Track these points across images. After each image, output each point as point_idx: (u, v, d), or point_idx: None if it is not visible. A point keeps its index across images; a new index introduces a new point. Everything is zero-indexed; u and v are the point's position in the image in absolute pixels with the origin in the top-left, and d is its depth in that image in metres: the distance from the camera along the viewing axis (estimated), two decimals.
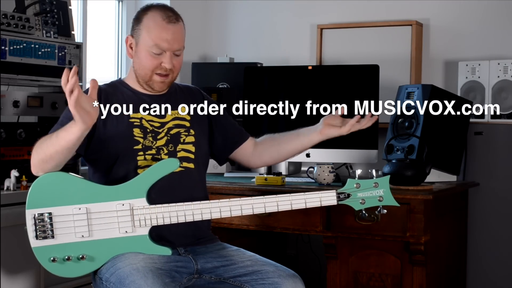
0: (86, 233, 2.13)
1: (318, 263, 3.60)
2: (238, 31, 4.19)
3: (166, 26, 2.28)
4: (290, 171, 3.52)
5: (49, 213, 2.12)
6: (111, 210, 2.13)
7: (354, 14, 3.84)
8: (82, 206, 2.12)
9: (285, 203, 2.19)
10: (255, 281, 2.21)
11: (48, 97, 2.96)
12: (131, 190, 2.15)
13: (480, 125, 3.35)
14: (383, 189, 2.18)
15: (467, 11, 3.61)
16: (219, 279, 2.24)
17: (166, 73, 2.31)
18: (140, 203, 2.14)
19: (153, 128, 2.31)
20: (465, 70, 3.41)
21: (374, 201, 2.19)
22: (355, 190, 2.18)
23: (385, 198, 2.19)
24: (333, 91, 3.30)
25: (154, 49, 2.28)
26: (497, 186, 3.31)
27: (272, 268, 2.23)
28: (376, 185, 2.18)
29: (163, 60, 2.29)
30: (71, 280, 2.89)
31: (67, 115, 2.19)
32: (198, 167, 2.37)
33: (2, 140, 2.75)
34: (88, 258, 2.14)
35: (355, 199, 2.18)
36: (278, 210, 2.19)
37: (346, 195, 2.19)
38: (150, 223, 2.14)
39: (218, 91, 3.54)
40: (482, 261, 3.33)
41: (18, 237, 2.66)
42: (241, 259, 2.27)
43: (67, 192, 2.13)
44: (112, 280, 2.09)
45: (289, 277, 2.21)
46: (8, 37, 2.76)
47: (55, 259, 2.12)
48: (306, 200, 2.19)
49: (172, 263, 2.17)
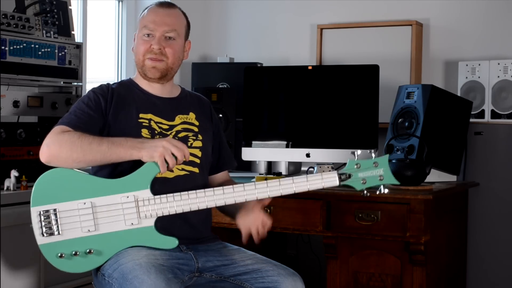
0: (92, 227, 2.14)
1: (318, 263, 3.60)
2: (238, 31, 4.19)
3: (157, 9, 2.36)
4: (290, 171, 3.52)
5: (54, 209, 2.12)
6: (116, 203, 2.14)
7: (354, 14, 3.84)
8: (87, 201, 2.13)
9: (287, 187, 2.18)
10: (254, 280, 2.22)
11: (48, 97, 2.96)
12: (134, 182, 2.15)
13: (480, 125, 3.35)
14: (382, 168, 2.18)
15: (467, 11, 3.61)
16: (219, 278, 2.25)
17: (156, 56, 2.32)
18: (145, 194, 2.15)
19: (161, 130, 2.32)
20: (465, 70, 3.41)
21: (375, 180, 2.18)
22: (356, 170, 2.18)
23: (385, 176, 2.19)
24: (333, 91, 3.30)
25: (144, 31, 2.33)
26: (497, 186, 3.31)
27: (272, 266, 2.24)
28: (376, 164, 2.18)
29: (152, 43, 2.32)
30: (71, 280, 2.89)
31: (81, 107, 2.25)
32: (203, 172, 2.37)
33: (2, 140, 2.75)
34: (95, 252, 2.14)
35: (356, 179, 2.18)
36: (281, 194, 2.18)
37: (347, 175, 2.18)
38: (155, 214, 2.15)
39: (218, 91, 3.54)
40: (482, 261, 3.33)
41: (18, 237, 2.67)
42: (241, 258, 2.28)
43: (70, 187, 2.14)
44: (115, 275, 2.09)
45: (288, 276, 2.22)
46: (8, 37, 2.76)
47: (62, 255, 2.13)
48: (308, 183, 2.18)
49: (174, 260, 2.18)
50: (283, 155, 3.36)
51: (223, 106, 3.45)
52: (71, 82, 3.10)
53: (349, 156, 2.21)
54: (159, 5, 2.38)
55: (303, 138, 3.31)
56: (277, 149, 3.34)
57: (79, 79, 3.11)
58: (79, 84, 3.12)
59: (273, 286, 2.19)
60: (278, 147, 3.35)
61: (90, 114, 2.24)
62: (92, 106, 2.26)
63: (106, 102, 2.29)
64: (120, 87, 2.38)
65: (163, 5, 2.38)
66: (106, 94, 2.31)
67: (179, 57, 2.38)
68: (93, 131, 2.22)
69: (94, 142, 2.13)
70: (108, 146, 2.13)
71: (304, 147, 3.29)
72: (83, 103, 2.27)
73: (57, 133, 2.16)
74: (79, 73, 3.10)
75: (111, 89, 2.33)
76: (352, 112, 3.24)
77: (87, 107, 2.26)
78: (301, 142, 3.31)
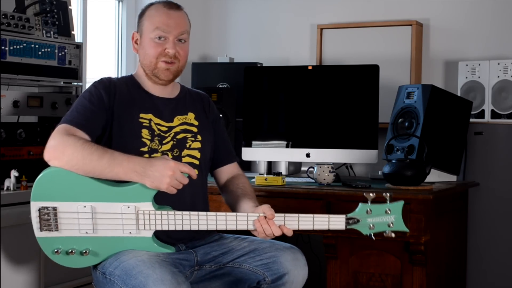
0: (90, 230, 2.13)
1: (318, 263, 3.60)
2: (238, 31, 4.19)
3: (168, 11, 2.33)
4: (290, 171, 3.52)
5: (54, 207, 2.12)
6: (116, 211, 2.12)
7: (354, 14, 3.84)
8: (87, 204, 2.12)
9: (292, 223, 2.15)
10: (252, 259, 2.22)
11: (48, 97, 2.96)
12: (138, 193, 2.13)
13: (480, 125, 3.35)
14: (394, 215, 2.12)
15: (467, 11, 3.61)
16: (219, 266, 2.27)
17: (171, 60, 2.31)
18: (146, 207, 2.13)
19: (160, 132, 2.31)
20: (465, 70, 3.41)
21: (384, 226, 2.12)
22: (366, 216, 2.12)
23: (396, 224, 2.12)
24: (333, 91, 3.30)
25: (156, 33, 2.30)
26: (497, 186, 3.31)
27: (268, 244, 2.25)
28: (388, 211, 2.12)
29: (166, 46, 2.31)
30: (71, 280, 2.90)
31: (83, 103, 2.23)
32: (202, 173, 2.37)
33: (2, 140, 2.74)
34: (91, 253, 2.14)
35: (364, 224, 2.13)
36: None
37: (356, 220, 2.13)
38: (154, 227, 2.14)
39: (218, 91, 3.54)
40: (482, 261, 3.33)
41: (18, 237, 2.67)
42: (238, 243, 2.30)
43: (73, 188, 2.12)
44: (117, 273, 2.09)
45: (286, 249, 2.23)
46: (8, 37, 2.76)
47: (58, 251, 2.13)
48: (314, 221, 2.15)
49: (175, 256, 2.20)
50: (283, 155, 3.36)
51: (223, 106, 3.45)
52: (71, 82, 3.09)
53: (362, 199, 2.13)
54: (168, 6, 2.34)
55: (303, 138, 3.32)
56: (277, 149, 3.35)
57: (79, 79, 3.11)
58: (79, 84, 3.12)
59: (272, 261, 2.20)
60: (278, 147, 3.35)
61: (92, 110, 2.23)
62: (95, 101, 2.25)
63: (109, 97, 2.27)
64: (122, 83, 2.36)
65: (172, 7, 2.35)
66: (109, 89, 2.29)
67: (187, 57, 2.39)
68: (96, 128, 2.22)
69: (95, 154, 2.10)
70: (108, 162, 2.10)
71: (304, 147, 3.30)
72: (85, 99, 2.25)
73: (62, 134, 2.14)
74: (79, 73, 3.10)
75: (113, 84, 2.31)
76: (352, 112, 3.24)
77: (90, 103, 2.24)
78: (301, 142, 3.31)
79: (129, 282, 2.03)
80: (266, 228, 2.13)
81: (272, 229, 2.13)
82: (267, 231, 2.13)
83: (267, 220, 2.13)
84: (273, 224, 2.13)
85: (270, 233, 2.14)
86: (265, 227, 2.13)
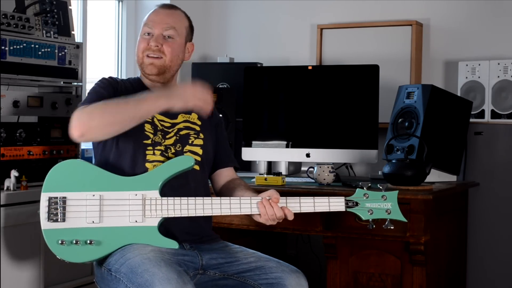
0: (96, 219, 2.17)
1: (318, 263, 3.60)
2: (238, 31, 4.19)
3: (158, 10, 2.42)
4: (290, 171, 3.52)
5: (63, 197, 2.17)
6: (123, 199, 2.18)
7: (354, 14, 3.84)
8: (96, 193, 2.18)
9: (294, 205, 2.22)
10: (258, 276, 2.24)
11: (48, 97, 2.96)
12: (145, 182, 2.20)
13: (480, 125, 3.35)
14: (391, 203, 2.20)
15: (467, 11, 3.61)
16: (223, 275, 2.27)
17: (154, 54, 2.35)
18: (153, 195, 2.19)
19: (163, 127, 2.34)
20: (465, 70, 3.41)
21: (382, 213, 2.20)
22: (364, 199, 2.20)
23: (393, 211, 2.20)
24: (333, 91, 3.30)
25: (144, 30, 2.39)
26: (497, 186, 3.31)
27: (275, 264, 2.27)
28: (384, 197, 2.20)
29: (150, 40, 2.36)
30: (71, 280, 2.90)
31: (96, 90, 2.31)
32: (203, 170, 2.39)
33: (2, 140, 2.74)
34: (95, 243, 2.16)
35: (363, 208, 2.20)
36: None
37: (354, 203, 2.21)
38: (160, 213, 2.18)
39: (218, 91, 3.54)
40: (482, 261, 3.33)
41: (18, 237, 2.67)
42: (244, 256, 2.30)
43: (83, 179, 2.19)
44: (123, 270, 2.10)
45: (292, 272, 2.24)
46: (8, 37, 2.76)
47: (63, 242, 2.16)
48: (315, 204, 2.22)
49: (180, 257, 2.20)
50: (283, 155, 3.36)
51: (223, 106, 3.45)
52: (71, 82, 3.09)
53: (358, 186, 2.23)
54: (160, 6, 2.43)
55: (303, 138, 3.32)
56: (277, 149, 3.35)
57: (79, 79, 3.11)
58: (79, 84, 3.12)
59: (277, 282, 2.21)
60: (278, 147, 3.35)
61: (104, 94, 2.29)
62: (107, 88, 2.33)
63: (116, 91, 2.34)
64: (127, 82, 2.44)
65: (164, 6, 2.43)
66: (116, 85, 2.37)
67: (178, 56, 2.39)
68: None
69: (120, 103, 2.17)
70: (134, 103, 2.17)
71: (304, 147, 3.30)
72: (98, 87, 2.34)
73: (81, 110, 2.18)
74: (79, 73, 3.10)
75: (120, 82, 2.40)
76: (352, 112, 3.24)
77: (102, 89, 2.32)
78: (301, 142, 3.31)
79: (135, 280, 2.04)
80: (269, 209, 2.19)
81: (275, 210, 2.19)
82: (269, 212, 2.19)
83: (270, 202, 2.20)
84: (276, 205, 2.20)
85: (273, 214, 2.20)
86: (267, 208, 2.19)
